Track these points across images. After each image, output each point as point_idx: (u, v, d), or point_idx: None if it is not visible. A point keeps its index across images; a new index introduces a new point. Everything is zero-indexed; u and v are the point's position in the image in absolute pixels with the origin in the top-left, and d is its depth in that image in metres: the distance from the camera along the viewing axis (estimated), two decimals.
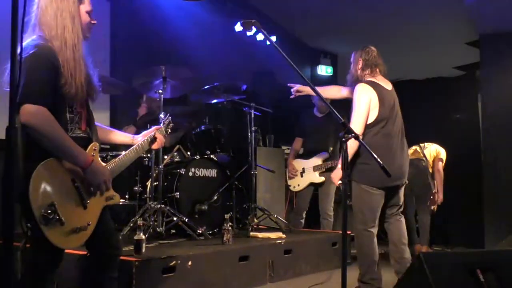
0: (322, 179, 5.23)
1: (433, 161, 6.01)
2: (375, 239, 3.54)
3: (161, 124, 2.98)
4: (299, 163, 5.41)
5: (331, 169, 5.18)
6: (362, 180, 3.49)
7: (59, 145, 2.08)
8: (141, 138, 2.64)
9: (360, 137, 3.34)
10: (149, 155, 4.32)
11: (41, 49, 2.11)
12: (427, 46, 7.26)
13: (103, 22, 5.55)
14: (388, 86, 3.67)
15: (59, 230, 2.05)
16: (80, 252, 2.29)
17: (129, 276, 3.06)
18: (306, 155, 5.41)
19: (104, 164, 2.33)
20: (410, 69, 8.05)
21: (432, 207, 5.82)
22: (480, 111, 7.02)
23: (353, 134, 2.32)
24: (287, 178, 5.50)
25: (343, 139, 2.31)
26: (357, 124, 3.44)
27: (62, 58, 2.15)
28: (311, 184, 5.31)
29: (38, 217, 1.98)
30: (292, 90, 4.06)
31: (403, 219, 3.72)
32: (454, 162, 6.52)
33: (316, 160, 5.27)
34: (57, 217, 2.03)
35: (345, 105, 3.80)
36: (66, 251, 2.26)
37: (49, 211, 2.01)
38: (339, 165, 3.48)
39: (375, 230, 3.55)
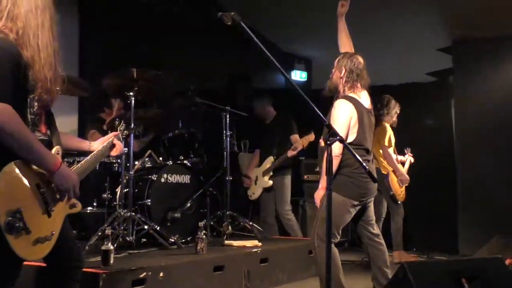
0: (270, 182, 5.28)
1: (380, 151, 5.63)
2: (338, 255, 3.37)
3: (117, 130, 2.88)
4: (254, 172, 5.49)
5: (280, 174, 5.23)
6: (341, 192, 3.29)
7: (27, 145, 1.88)
8: (98, 145, 2.51)
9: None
10: (119, 160, 4.10)
11: (3, 43, 1.91)
12: (401, 51, 7.23)
13: (71, 21, 5.32)
14: (367, 102, 3.51)
15: (24, 239, 1.85)
16: (37, 264, 2.08)
17: None
18: (260, 163, 5.46)
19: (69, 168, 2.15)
20: (384, 75, 8.02)
21: (399, 201, 5.58)
22: (453, 117, 7.01)
23: (338, 137, 2.16)
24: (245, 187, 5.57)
25: (328, 142, 2.15)
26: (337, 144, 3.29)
27: (30, 54, 1.95)
28: (264, 189, 5.33)
29: (3, 225, 1.77)
30: None
31: (384, 248, 3.58)
32: (428, 168, 6.48)
33: (265, 165, 5.33)
34: (23, 225, 1.83)
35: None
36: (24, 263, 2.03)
37: (15, 218, 1.81)
38: (321, 184, 3.37)
39: (335, 247, 3.35)
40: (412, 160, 5.89)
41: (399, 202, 5.51)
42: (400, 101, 5.81)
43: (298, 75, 8.46)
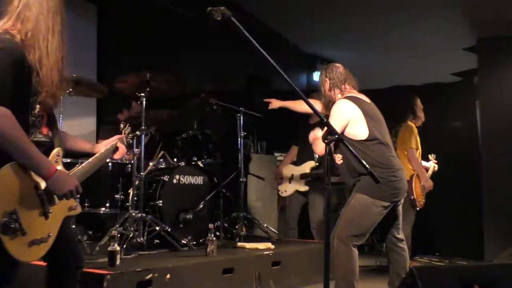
0: (306, 188, 5.07)
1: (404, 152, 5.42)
2: (357, 260, 3.25)
3: (122, 133, 2.85)
4: (289, 169, 5.26)
5: (317, 179, 4.98)
6: (369, 193, 3.20)
7: (21, 151, 1.85)
8: (102, 147, 2.48)
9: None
10: (132, 161, 4.10)
11: (9, 45, 1.88)
12: (425, 51, 7.07)
13: (89, 26, 5.37)
14: (366, 99, 3.47)
15: (19, 241, 1.83)
16: (37, 263, 2.07)
17: None
18: (297, 162, 5.24)
19: (67, 171, 2.12)
20: (407, 75, 7.86)
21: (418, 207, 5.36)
22: (478, 117, 6.79)
23: (336, 136, 2.08)
24: (277, 183, 5.35)
25: (326, 141, 2.07)
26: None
27: (38, 57, 1.94)
28: (297, 191, 5.12)
29: None
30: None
31: (406, 254, 3.49)
32: (452, 170, 6.28)
33: (304, 168, 5.11)
34: (19, 226, 1.81)
35: None
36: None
37: (10, 219, 1.79)
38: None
39: (357, 251, 3.26)
40: (436, 167, 5.58)
41: (417, 209, 5.30)
42: (424, 102, 5.64)
43: None
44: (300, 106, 4.32)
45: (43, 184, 1.95)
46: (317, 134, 3.35)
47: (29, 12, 1.97)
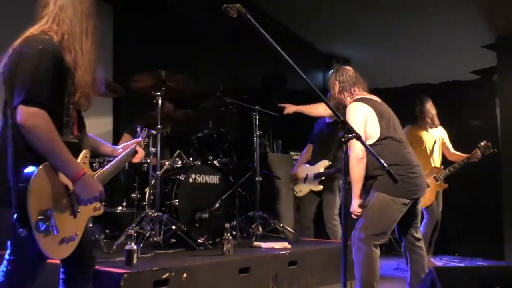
0: (320, 187, 5.02)
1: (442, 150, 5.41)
2: (378, 261, 3.23)
3: (139, 137, 2.93)
4: (304, 169, 5.22)
5: (331, 178, 4.96)
6: (389, 191, 3.18)
7: (53, 152, 1.91)
8: (121, 150, 2.54)
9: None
10: (148, 160, 4.12)
11: (50, 46, 1.96)
12: (443, 49, 6.98)
13: (106, 26, 5.42)
14: (377, 98, 3.48)
15: (52, 239, 1.91)
16: (50, 261, 2.09)
17: None
18: (312, 161, 5.20)
19: (93, 173, 2.19)
20: (425, 73, 7.78)
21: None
22: (498, 117, 6.68)
23: (353, 134, 2.06)
24: (293, 183, 5.32)
25: (343, 140, 2.06)
26: (357, 145, 3.18)
27: (73, 59, 2.01)
28: (312, 191, 5.09)
29: (34, 224, 1.83)
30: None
31: (424, 253, 3.47)
32: (471, 170, 6.18)
33: (318, 167, 5.06)
34: (52, 225, 1.88)
35: None
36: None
37: (45, 218, 1.87)
38: (353, 194, 3.26)
39: (378, 251, 3.24)
40: None
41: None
42: (441, 100, 5.58)
43: None
44: (315, 110, 4.34)
45: (71, 185, 2.01)
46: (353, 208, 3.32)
47: (64, 14, 2.05)
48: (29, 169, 1.86)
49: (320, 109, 4.35)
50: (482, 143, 5.21)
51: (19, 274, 2.04)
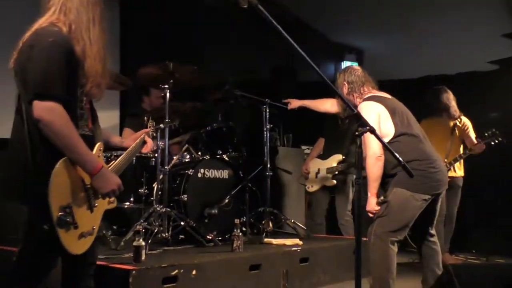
0: (334, 182, 4.99)
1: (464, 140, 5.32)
2: (395, 258, 3.21)
3: (147, 127, 2.96)
4: (316, 163, 5.20)
5: (344, 172, 4.92)
6: (408, 187, 3.16)
7: (71, 147, 1.93)
8: (130, 141, 2.58)
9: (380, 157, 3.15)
10: (155, 155, 4.12)
11: (61, 38, 1.97)
12: (459, 39, 6.89)
13: (112, 18, 5.41)
14: (387, 95, 3.48)
15: (72, 234, 1.95)
16: None
17: (125, 286, 2.85)
18: (324, 155, 5.17)
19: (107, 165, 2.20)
20: (441, 64, 7.69)
21: None
22: None
23: (368, 128, 2.04)
24: (304, 178, 5.30)
25: (356, 133, 2.03)
26: (374, 143, 3.15)
27: (81, 49, 2.01)
28: (324, 186, 5.06)
29: (56, 219, 1.86)
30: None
31: (439, 248, 3.44)
32: (490, 164, 6.12)
33: (331, 162, 5.04)
34: (72, 220, 1.93)
35: None
36: None
37: (65, 213, 1.90)
38: (369, 192, 3.24)
39: (396, 248, 3.22)
40: None
41: None
42: (458, 92, 5.51)
43: None
44: (322, 105, 4.31)
45: (88, 179, 2.03)
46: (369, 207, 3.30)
47: (70, 4, 2.06)
48: (48, 165, 1.88)
49: (327, 105, 4.29)
50: (487, 133, 5.14)
51: (32, 271, 2.05)
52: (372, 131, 2.06)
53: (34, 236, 1.99)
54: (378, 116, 3.26)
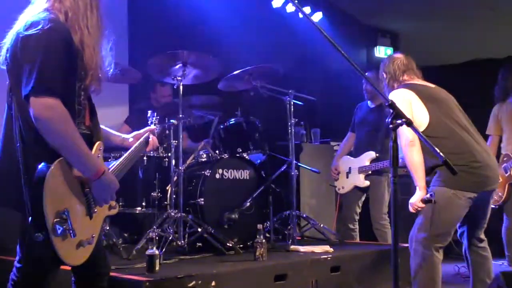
0: (367, 183, 4.98)
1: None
2: (440, 266, 3.20)
3: (151, 124, 2.98)
4: (346, 162, 5.20)
5: (378, 172, 4.91)
6: (449, 184, 3.15)
7: (72, 148, 1.93)
8: (133, 140, 2.58)
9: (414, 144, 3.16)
10: (169, 154, 4.17)
11: (56, 25, 1.95)
12: (507, 18, 6.80)
13: (120, 9, 5.50)
14: (429, 84, 3.51)
15: (69, 242, 1.93)
16: (62, 268, 2.14)
17: None
18: (355, 153, 5.17)
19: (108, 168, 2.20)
20: (488, 47, 7.61)
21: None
22: None
23: (403, 120, 2.03)
24: (334, 178, 5.30)
25: (391, 126, 2.03)
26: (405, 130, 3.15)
27: (79, 39, 2.01)
28: (356, 187, 5.05)
29: (51, 227, 1.84)
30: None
31: (490, 255, 3.43)
32: None
33: (363, 160, 5.01)
34: (69, 227, 1.89)
35: None
36: None
37: (62, 220, 1.87)
38: (418, 184, 3.23)
39: (441, 255, 3.21)
40: None
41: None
42: (508, 75, 5.41)
43: (383, 52, 8.22)
44: None
45: (87, 183, 2.02)
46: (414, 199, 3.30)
47: None
48: (43, 166, 1.85)
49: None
50: None
51: (30, 283, 2.07)
52: (409, 123, 2.06)
53: (28, 245, 1.98)
54: (409, 103, 3.27)
